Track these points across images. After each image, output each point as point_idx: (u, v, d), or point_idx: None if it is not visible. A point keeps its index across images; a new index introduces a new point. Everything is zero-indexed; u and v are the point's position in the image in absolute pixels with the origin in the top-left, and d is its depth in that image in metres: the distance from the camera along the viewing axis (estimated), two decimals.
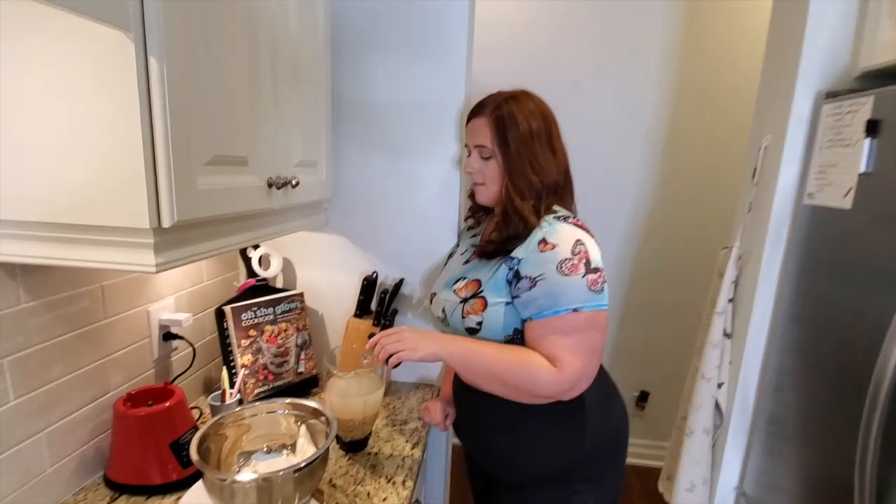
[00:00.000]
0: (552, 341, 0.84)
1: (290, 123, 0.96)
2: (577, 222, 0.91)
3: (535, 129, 0.92)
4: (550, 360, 0.84)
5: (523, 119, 0.92)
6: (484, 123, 0.95)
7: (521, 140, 0.91)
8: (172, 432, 0.90)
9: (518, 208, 0.91)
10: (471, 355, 0.88)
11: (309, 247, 1.35)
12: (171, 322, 1.05)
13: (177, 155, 0.64)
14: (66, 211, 0.65)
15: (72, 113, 0.62)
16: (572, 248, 0.84)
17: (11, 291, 0.74)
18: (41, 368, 0.80)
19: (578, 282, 0.83)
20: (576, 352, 0.84)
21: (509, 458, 0.97)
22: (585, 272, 0.84)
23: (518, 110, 0.92)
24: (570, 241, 0.85)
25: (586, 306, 0.83)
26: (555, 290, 0.83)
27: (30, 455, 0.79)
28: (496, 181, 0.96)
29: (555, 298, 0.83)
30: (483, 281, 0.92)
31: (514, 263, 0.88)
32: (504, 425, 0.96)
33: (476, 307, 0.91)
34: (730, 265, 1.27)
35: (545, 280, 0.84)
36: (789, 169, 1.18)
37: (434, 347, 0.87)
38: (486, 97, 0.99)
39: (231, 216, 0.80)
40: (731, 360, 1.32)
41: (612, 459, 1.00)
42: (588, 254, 0.85)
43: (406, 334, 0.88)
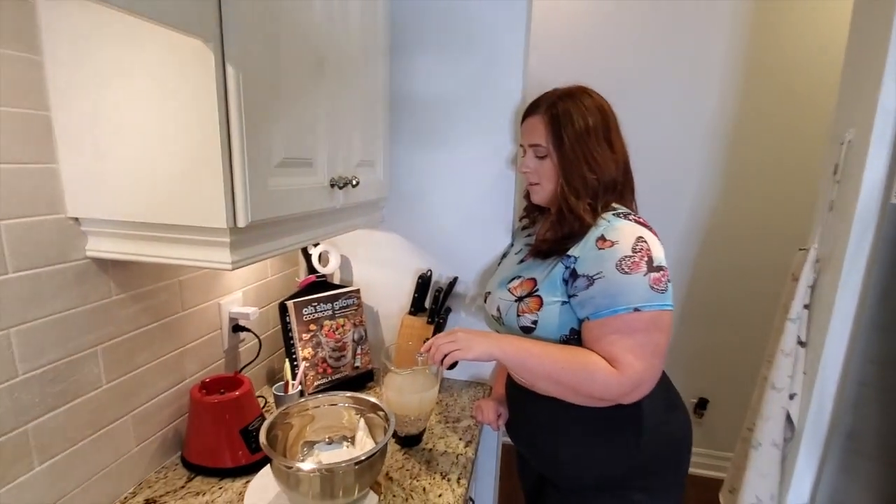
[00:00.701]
0: (611, 342, 0.82)
1: (350, 125, 0.99)
2: (639, 219, 0.88)
3: (591, 126, 0.90)
4: (610, 362, 0.81)
5: (579, 116, 0.90)
6: (539, 122, 0.94)
7: (576, 138, 0.89)
8: (242, 419, 0.95)
9: (573, 207, 0.89)
10: (525, 354, 0.86)
11: (365, 244, 1.38)
12: (240, 315, 1.11)
13: (251, 158, 0.68)
14: (153, 211, 0.70)
15: (157, 120, 0.66)
16: (633, 246, 0.82)
17: (104, 285, 0.81)
18: (128, 356, 0.86)
19: (639, 280, 0.80)
20: (637, 353, 0.81)
21: (561, 462, 0.95)
22: (647, 270, 0.80)
23: (573, 107, 0.90)
24: (630, 237, 0.82)
25: (648, 306, 0.80)
26: (614, 289, 0.81)
27: (119, 435, 0.86)
28: (551, 180, 0.94)
29: (614, 297, 0.80)
30: (538, 280, 0.91)
31: (571, 262, 0.86)
32: (556, 427, 0.94)
33: (531, 306, 0.90)
34: (806, 268, 1.19)
35: (603, 278, 0.81)
36: (876, 165, 1.08)
37: (488, 346, 0.87)
38: (542, 95, 0.97)
39: (297, 216, 0.84)
40: (805, 371, 1.23)
41: (674, 470, 0.96)
42: (650, 251, 0.82)
43: (460, 334, 0.88)
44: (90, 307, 0.79)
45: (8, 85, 0.65)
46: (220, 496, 0.89)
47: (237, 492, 0.90)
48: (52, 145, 0.71)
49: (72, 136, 0.71)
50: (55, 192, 0.72)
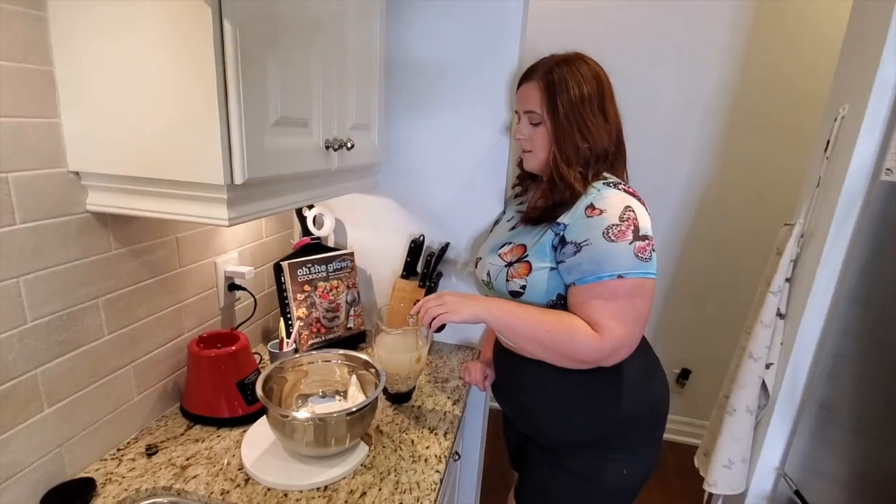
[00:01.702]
0: (594, 307, 0.84)
1: (346, 87, 0.99)
2: (628, 189, 0.89)
3: (586, 94, 0.90)
4: (592, 326, 0.84)
5: (574, 84, 0.90)
6: (534, 88, 0.93)
7: (570, 106, 0.89)
8: (238, 373, 0.99)
9: (564, 175, 0.90)
10: (512, 317, 0.89)
11: (360, 208, 1.40)
12: (236, 274, 1.14)
13: (248, 116, 0.69)
14: (151, 166, 0.71)
15: (156, 76, 0.67)
16: (620, 215, 0.83)
17: (104, 239, 0.83)
18: (128, 309, 0.89)
19: (625, 248, 0.82)
20: (618, 318, 0.83)
21: (545, 422, 1.00)
22: (633, 239, 0.82)
23: (569, 74, 0.90)
24: (618, 207, 0.84)
25: (632, 273, 0.82)
26: (599, 256, 0.83)
27: (121, 384, 0.90)
28: (544, 148, 0.94)
29: (599, 264, 0.83)
30: (528, 246, 0.93)
31: (560, 229, 0.88)
32: (542, 389, 0.98)
33: (520, 271, 0.92)
34: (790, 243, 1.22)
35: (590, 245, 0.83)
36: (867, 142, 1.10)
37: (476, 309, 0.89)
38: (538, 61, 0.97)
39: (293, 176, 0.85)
40: (782, 342, 1.28)
41: (650, 432, 1.01)
42: (637, 220, 0.84)
43: (448, 298, 0.90)
44: (91, 260, 0.81)
45: (13, 40, 0.66)
46: (219, 443, 0.94)
47: (234, 440, 0.94)
48: (55, 100, 0.72)
49: (73, 91, 0.72)
50: (57, 147, 0.73)
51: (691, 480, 2.00)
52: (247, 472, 0.86)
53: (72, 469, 0.82)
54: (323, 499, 0.82)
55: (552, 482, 1.00)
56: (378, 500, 0.82)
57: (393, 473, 0.89)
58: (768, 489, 1.34)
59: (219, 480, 0.84)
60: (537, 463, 1.05)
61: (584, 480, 0.97)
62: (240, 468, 0.87)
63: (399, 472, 0.89)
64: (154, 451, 0.90)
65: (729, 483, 1.33)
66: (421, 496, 0.84)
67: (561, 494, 0.99)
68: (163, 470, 0.86)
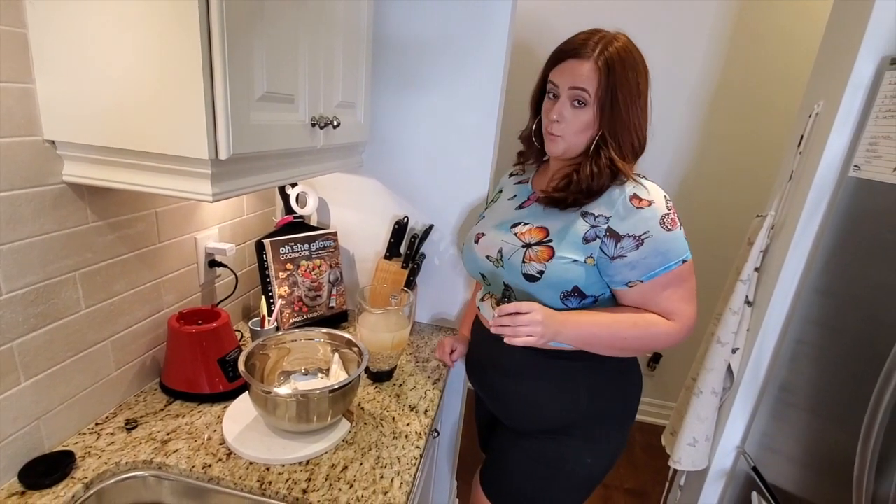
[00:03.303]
0: (667, 297, 0.86)
1: (332, 64, 0.97)
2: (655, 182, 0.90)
3: (642, 89, 0.87)
4: (667, 315, 0.86)
5: (634, 74, 0.85)
6: (589, 68, 0.84)
7: (630, 96, 0.85)
8: (220, 349, 0.99)
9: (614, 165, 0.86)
10: (593, 339, 0.88)
11: (344, 188, 1.39)
12: (216, 250, 1.13)
13: (233, 89, 0.67)
14: (131, 138, 0.69)
15: (139, 43, 0.65)
16: (666, 203, 0.85)
17: (81, 211, 0.81)
18: (106, 283, 0.88)
19: (680, 234, 0.85)
20: (687, 300, 0.87)
21: (516, 405, 1.00)
22: (680, 224, 0.85)
23: (630, 63, 0.85)
24: (661, 196, 0.85)
25: (688, 256, 0.86)
26: (664, 247, 0.83)
27: (99, 358, 0.89)
28: (584, 133, 0.88)
29: (665, 255, 0.83)
30: (551, 230, 0.89)
31: (602, 221, 0.85)
32: (518, 372, 0.98)
33: (540, 255, 0.88)
34: (761, 233, 1.26)
35: (652, 237, 0.82)
36: (839, 138, 1.14)
37: (556, 335, 0.85)
38: (583, 35, 0.87)
39: (278, 153, 0.84)
40: (748, 328, 1.34)
41: (618, 426, 1.01)
42: (674, 208, 0.86)
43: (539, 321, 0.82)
44: (67, 232, 0.79)
45: None
46: (200, 419, 0.94)
47: (216, 415, 0.95)
48: (29, 64, 0.69)
49: (49, 56, 0.69)
50: (31, 114, 0.71)
51: (658, 459, 2.10)
52: (228, 446, 0.86)
53: (50, 442, 0.82)
54: (305, 472, 0.83)
55: (516, 466, 1.01)
56: (359, 474, 0.84)
57: (374, 449, 0.91)
58: (728, 466, 1.42)
59: (200, 455, 0.85)
60: (503, 446, 1.05)
61: (548, 466, 0.98)
62: (221, 443, 0.88)
63: (380, 447, 0.91)
64: (133, 426, 0.90)
65: (693, 460, 1.40)
66: (401, 470, 0.86)
67: (523, 479, 1.01)
68: (143, 444, 0.86)
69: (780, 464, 1.28)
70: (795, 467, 1.22)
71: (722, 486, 1.44)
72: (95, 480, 0.78)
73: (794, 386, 1.26)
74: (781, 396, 1.30)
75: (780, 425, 1.30)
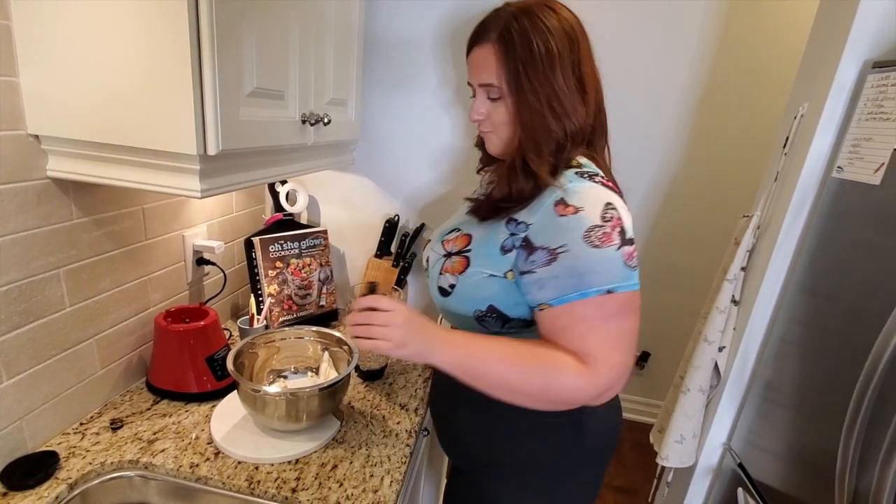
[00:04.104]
0: (581, 332, 0.65)
1: (323, 61, 0.97)
2: (605, 181, 0.70)
3: (556, 56, 0.68)
4: (581, 357, 0.65)
5: (541, 42, 0.68)
6: (488, 53, 0.71)
7: (536, 72, 0.68)
8: (208, 348, 0.98)
9: (531, 164, 0.70)
10: (474, 362, 0.68)
11: (334, 186, 1.38)
12: (205, 248, 1.11)
13: (222, 83, 0.67)
14: (118, 133, 0.68)
15: (126, 38, 0.64)
16: (602, 213, 0.65)
17: (65, 207, 0.80)
18: (91, 281, 0.87)
19: (613, 255, 0.64)
20: (613, 343, 0.66)
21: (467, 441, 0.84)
22: (621, 243, 0.65)
23: (533, 30, 0.68)
24: (598, 203, 0.65)
25: (623, 286, 0.64)
26: (583, 267, 0.64)
27: (84, 357, 0.87)
28: (507, 128, 0.74)
29: (582, 277, 0.64)
30: (474, 239, 0.76)
31: (522, 229, 0.69)
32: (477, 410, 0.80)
33: (455, 266, 0.75)
34: (747, 233, 1.28)
35: (569, 252, 0.64)
36: (823, 139, 1.16)
37: (422, 350, 0.68)
38: (490, 14, 0.73)
39: (268, 149, 0.84)
40: (735, 327, 1.35)
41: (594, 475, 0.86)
42: (622, 220, 0.66)
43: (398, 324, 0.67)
44: (51, 228, 0.78)
45: None
46: (187, 418, 0.93)
47: (203, 415, 0.94)
48: (12, 57, 0.68)
49: (34, 49, 0.68)
50: (15, 107, 0.69)
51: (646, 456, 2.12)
52: (217, 445, 0.86)
53: (33, 442, 0.80)
54: (294, 471, 0.83)
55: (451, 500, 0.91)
56: (349, 473, 0.84)
57: (364, 447, 0.90)
58: (715, 462, 1.44)
59: (188, 454, 0.84)
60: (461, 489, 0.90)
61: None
62: (209, 442, 0.87)
63: (370, 445, 0.91)
64: (119, 426, 0.88)
65: (680, 457, 1.42)
66: (391, 469, 0.86)
67: None
68: (129, 444, 0.85)
69: (765, 460, 1.30)
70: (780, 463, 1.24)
71: (709, 482, 1.46)
72: (80, 481, 0.77)
73: (779, 384, 1.28)
74: (766, 394, 1.32)
75: (765, 422, 1.32)
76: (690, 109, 2.03)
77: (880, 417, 0.94)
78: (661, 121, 2.06)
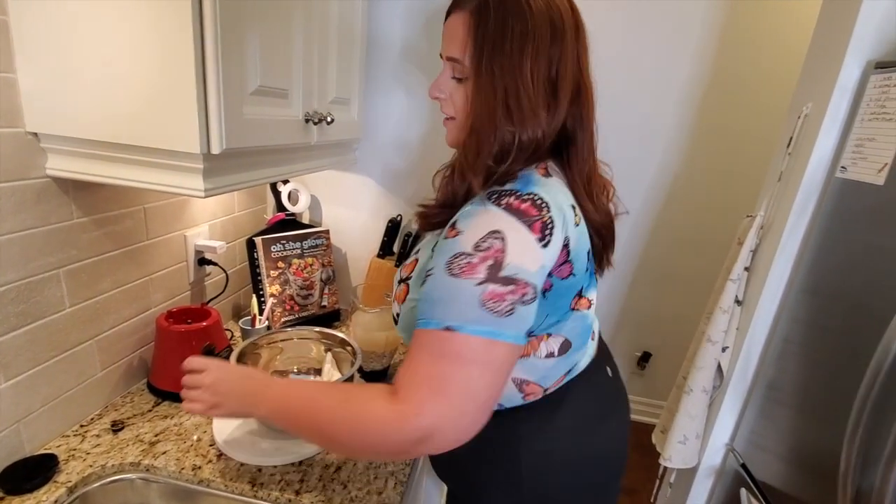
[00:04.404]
0: (407, 364, 0.57)
1: (326, 60, 0.96)
2: (521, 205, 0.55)
3: (531, 45, 0.58)
4: (394, 389, 0.56)
5: (518, 24, 0.58)
6: (461, 23, 0.62)
7: (503, 58, 0.59)
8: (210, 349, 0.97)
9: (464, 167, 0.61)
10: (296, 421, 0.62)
11: (337, 186, 1.37)
12: (206, 248, 1.10)
13: (226, 81, 0.66)
14: (122, 132, 0.67)
15: (128, 34, 0.63)
16: (478, 241, 0.54)
17: (65, 206, 0.78)
18: (92, 281, 0.85)
19: (468, 290, 0.53)
20: (435, 388, 0.54)
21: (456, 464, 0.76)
22: (485, 279, 0.53)
23: (514, 7, 0.59)
24: (481, 229, 0.55)
25: (467, 328, 0.53)
26: (435, 293, 0.56)
27: (83, 358, 0.86)
28: (464, 115, 0.65)
29: (432, 305, 0.56)
30: (419, 263, 0.68)
31: None
32: None
33: (399, 295, 0.68)
34: (751, 233, 1.28)
35: (432, 276, 0.57)
36: (826, 139, 1.16)
37: (239, 407, 0.67)
38: None
39: (270, 149, 0.83)
40: (738, 327, 1.35)
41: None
42: (503, 254, 0.54)
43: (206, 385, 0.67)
44: (51, 228, 0.77)
45: None
46: (189, 420, 0.92)
47: (205, 416, 0.93)
48: (10, 53, 0.67)
49: (32, 45, 0.67)
50: (12, 104, 0.68)
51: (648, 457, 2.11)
52: (219, 447, 0.85)
53: (31, 445, 0.79)
54: (297, 473, 0.82)
55: None
56: (353, 475, 0.83)
57: None
58: (718, 463, 1.44)
59: (190, 456, 0.83)
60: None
61: None
62: (211, 444, 0.86)
63: None
64: (120, 428, 0.87)
65: (683, 458, 1.41)
66: (395, 471, 0.85)
67: None
68: (130, 446, 0.84)
69: (768, 461, 1.29)
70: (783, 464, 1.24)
71: (711, 483, 1.45)
72: (80, 484, 0.76)
73: (782, 384, 1.28)
74: (769, 394, 1.31)
75: (768, 423, 1.32)
76: (692, 108, 2.03)
77: (884, 418, 0.93)
78: (664, 118, 2.05)
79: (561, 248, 0.57)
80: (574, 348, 0.67)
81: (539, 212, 0.56)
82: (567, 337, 0.65)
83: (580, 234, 0.61)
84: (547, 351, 0.65)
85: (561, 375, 0.69)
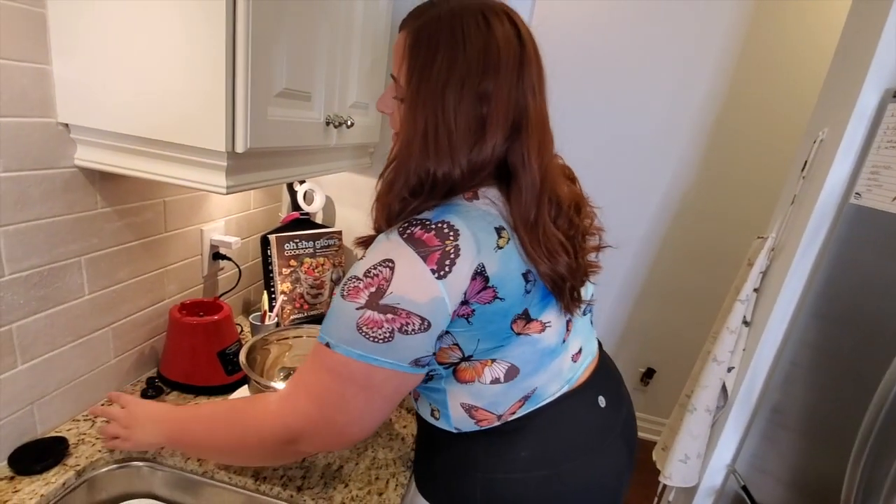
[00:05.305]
0: (300, 368, 0.63)
1: (349, 64, 0.98)
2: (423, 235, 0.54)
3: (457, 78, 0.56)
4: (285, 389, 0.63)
5: (448, 55, 0.56)
6: (401, 43, 0.62)
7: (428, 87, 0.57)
8: (220, 342, 0.99)
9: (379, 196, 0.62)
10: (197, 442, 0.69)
11: (351, 188, 1.39)
12: (221, 243, 1.12)
13: (254, 83, 0.68)
14: (148, 126, 0.69)
15: (162, 33, 0.65)
16: (370, 268, 0.55)
17: (90, 196, 0.81)
18: (111, 269, 0.87)
19: (348, 313, 0.55)
20: (313, 393, 0.59)
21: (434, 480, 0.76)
22: (365, 305, 0.54)
23: (449, 37, 0.56)
24: (377, 256, 0.56)
25: (343, 349, 0.56)
26: (330, 310, 0.60)
27: (98, 345, 0.88)
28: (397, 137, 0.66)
29: (326, 320, 0.59)
30: None
31: None
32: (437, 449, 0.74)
33: None
34: (761, 255, 1.28)
35: (335, 297, 0.59)
36: (842, 165, 1.16)
37: (143, 437, 0.73)
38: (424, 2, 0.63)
39: (291, 149, 0.85)
40: (745, 348, 1.35)
41: None
42: (387, 283, 0.54)
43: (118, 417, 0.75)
44: (75, 216, 0.79)
45: None
46: None
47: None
48: (46, 45, 0.69)
49: (68, 39, 0.69)
50: (46, 95, 0.71)
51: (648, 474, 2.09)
52: None
53: (43, 427, 0.81)
54: (300, 469, 0.83)
55: None
56: (355, 474, 0.84)
57: (370, 450, 0.90)
58: (718, 484, 1.43)
59: None
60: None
61: None
62: None
63: (376, 448, 0.91)
64: None
65: (683, 476, 1.41)
66: (397, 472, 0.86)
67: None
68: None
69: (769, 484, 1.28)
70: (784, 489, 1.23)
71: (711, 503, 1.44)
72: (88, 468, 0.77)
73: (786, 407, 1.27)
74: (773, 417, 1.31)
75: (770, 446, 1.31)
76: (707, 126, 2.03)
77: (888, 447, 0.93)
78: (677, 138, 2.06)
79: (471, 276, 0.55)
80: (524, 374, 0.63)
81: (442, 241, 0.54)
82: (513, 363, 0.62)
83: (506, 258, 0.57)
84: (492, 377, 0.62)
85: (515, 402, 0.65)
